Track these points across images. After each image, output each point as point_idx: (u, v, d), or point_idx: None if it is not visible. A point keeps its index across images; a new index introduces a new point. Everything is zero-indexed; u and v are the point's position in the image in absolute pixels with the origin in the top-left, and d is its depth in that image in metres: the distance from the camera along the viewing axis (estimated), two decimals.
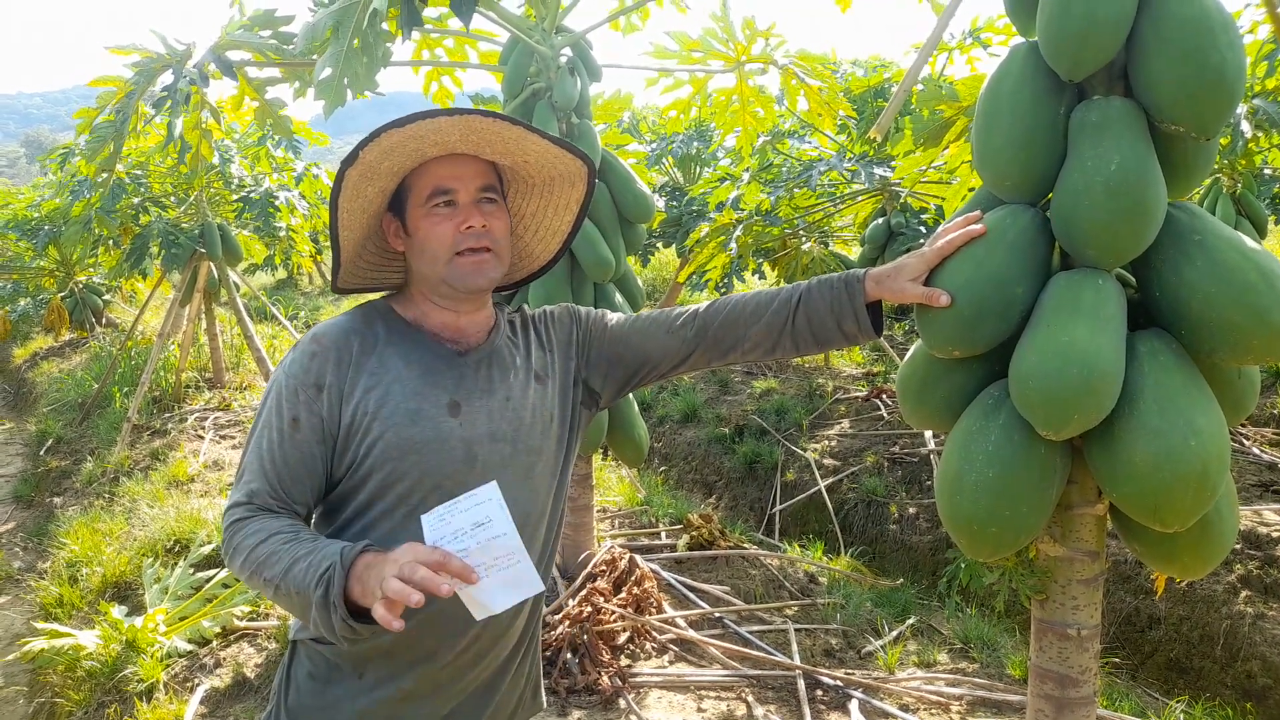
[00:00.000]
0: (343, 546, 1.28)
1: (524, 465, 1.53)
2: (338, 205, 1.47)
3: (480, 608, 1.27)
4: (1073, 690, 1.96)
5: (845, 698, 3.33)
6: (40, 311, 11.59)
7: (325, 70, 2.55)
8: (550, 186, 1.65)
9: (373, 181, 1.49)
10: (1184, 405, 1.63)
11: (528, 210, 1.70)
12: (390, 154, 1.45)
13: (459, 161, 1.51)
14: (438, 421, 1.46)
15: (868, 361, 9.43)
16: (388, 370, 1.48)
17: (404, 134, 1.42)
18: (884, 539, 5.81)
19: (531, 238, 1.73)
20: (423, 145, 1.46)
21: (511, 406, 1.54)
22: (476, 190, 1.51)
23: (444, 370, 1.51)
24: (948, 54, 5.64)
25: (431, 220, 1.50)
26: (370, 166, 1.46)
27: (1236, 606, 4.21)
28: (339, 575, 1.24)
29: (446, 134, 1.44)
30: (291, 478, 1.43)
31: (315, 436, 1.43)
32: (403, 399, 1.45)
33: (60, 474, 7.31)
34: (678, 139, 7.83)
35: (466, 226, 1.49)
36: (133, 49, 3.45)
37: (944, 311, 1.74)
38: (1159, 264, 1.74)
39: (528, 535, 1.52)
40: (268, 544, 1.33)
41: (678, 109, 4.24)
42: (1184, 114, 1.65)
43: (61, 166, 6.64)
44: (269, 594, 1.34)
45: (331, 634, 1.26)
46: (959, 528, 1.81)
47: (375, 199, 1.53)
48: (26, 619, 4.99)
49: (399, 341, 1.52)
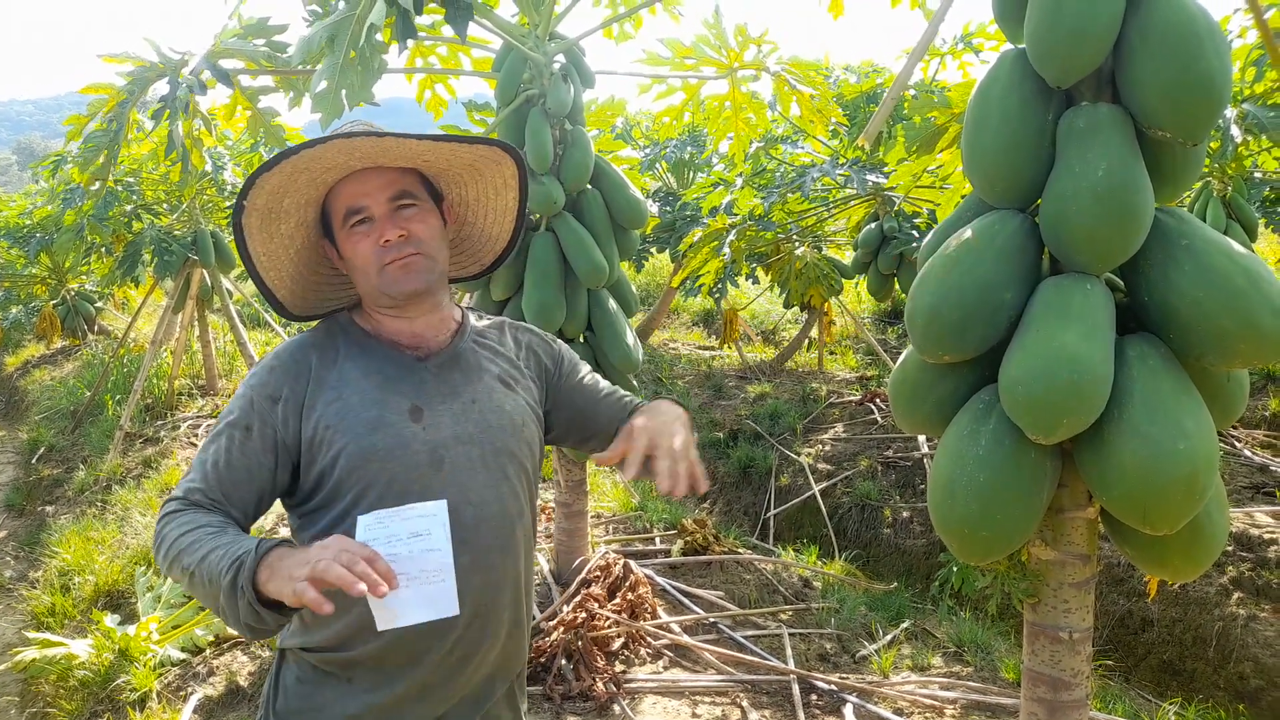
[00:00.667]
0: (260, 538, 1.29)
1: (495, 467, 1.53)
2: (247, 251, 1.50)
3: (388, 615, 1.27)
4: (1065, 693, 1.96)
5: (840, 702, 3.33)
6: (32, 319, 11.55)
7: (321, 83, 2.56)
8: (476, 170, 1.64)
9: (283, 219, 1.52)
10: (1173, 409, 1.64)
11: (469, 197, 1.70)
12: (285, 192, 1.48)
13: (365, 177, 1.51)
14: (399, 428, 1.47)
15: (861, 366, 9.46)
16: (347, 383, 1.49)
17: (281, 174, 1.44)
18: (878, 543, 5.82)
19: (484, 221, 1.74)
20: (314, 174, 1.47)
21: (478, 409, 1.54)
22: (388, 201, 1.51)
23: (404, 377, 1.52)
24: (939, 59, 5.67)
25: (352, 240, 1.51)
26: (268, 208, 1.49)
27: (1229, 608, 4.23)
28: (250, 560, 1.24)
29: (330, 160, 1.45)
30: (233, 482, 1.44)
31: (266, 446, 1.45)
32: (362, 408, 1.47)
33: (52, 482, 7.28)
34: (671, 144, 7.84)
35: (384, 241, 1.49)
36: (126, 57, 3.44)
37: (934, 317, 1.76)
38: (1147, 269, 1.75)
39: (504, 538, 1.52)
40: (190, 535, 1.34)
41: (671, 115, 4.26)
42: (1171, 120, 1.66)
43: (54, 174, 6.62)
44: (185, 584, 1.33)
45: (238, 623, 1.25)
46: (951, 532, 1.82)
47: (297, 233, 1.56)
48: (18, 628, 4.96)
49: (358, 354, 1.54)
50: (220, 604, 1.26)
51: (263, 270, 1.54)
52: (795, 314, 11.43)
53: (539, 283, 3.44)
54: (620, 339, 3.58)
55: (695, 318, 13.03)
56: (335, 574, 1.17)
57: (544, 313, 3.41)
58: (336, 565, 1.18)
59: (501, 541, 1.52)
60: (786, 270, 8.14)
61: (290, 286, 1.60)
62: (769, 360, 9.83)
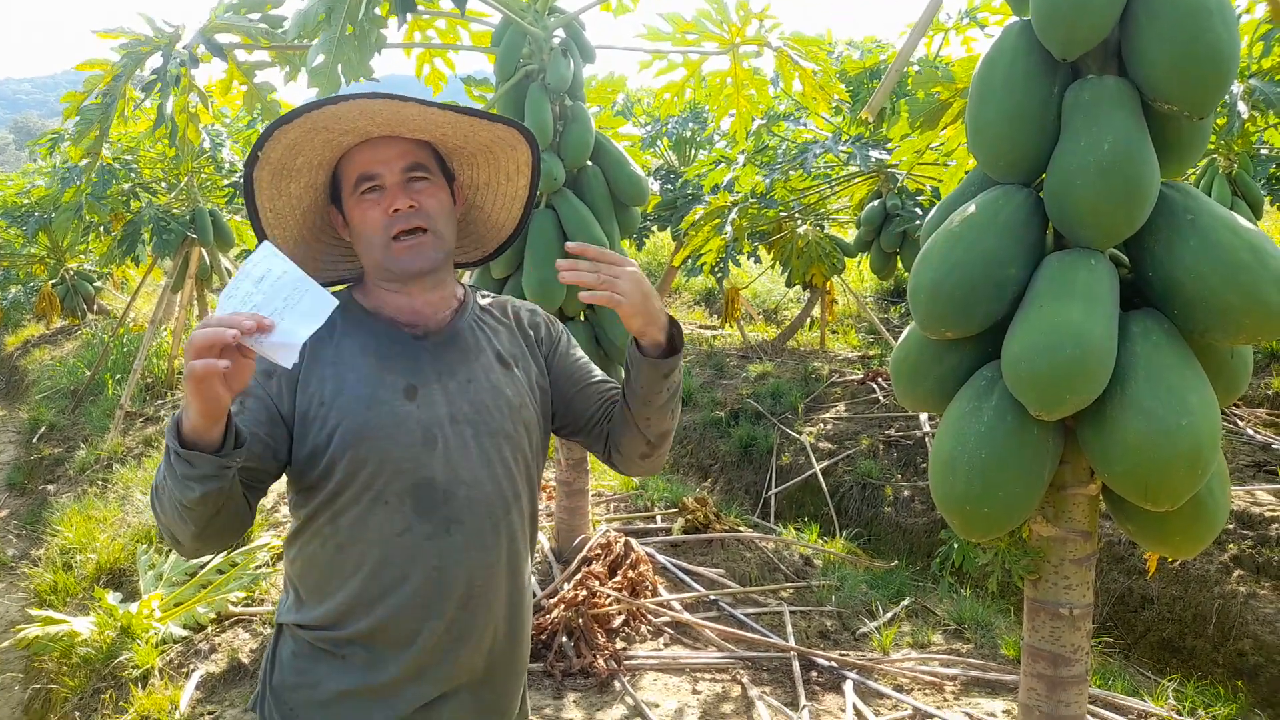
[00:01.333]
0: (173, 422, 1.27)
1: (489, 448, 1.52)
2: (256, 206, 1.49)
3: (285, 350, 1.22)
4: (1065, 669, 1.97)
5: (840, 679, 3.34)
6: (31, 299, 11.54)
7: (319, 57, 2.54)
8: (490, 152, 1.63)
9: (294, 178, 1.51)
10: (1176, 384, 1.63)
11: (479, 180, 1.68)
12: (299, 149, 1.47)
13: (380, 144, 1.50)
14: (393, 406, 1.46)
15: (863, 345, 9.44)
16: (343, 359, 1.48)
17: (300, 127, 1.42)
18: (879, 521, 5.83)
19: (492, 206, 1.72)
20: (331, 135, 1.46)
21: (473, 389, 1.53)
22: (401, 171, 1.50)
23: (400, 355, 1.51)
24: (943, 34, 5.61)
25: (361, 207, 1.50)
26: (281, 164, 1.48)
27: (1229, 586, 4.24)
28: (171, 424, 1.24)
29: (348, 118, 1.44)
30: None
31: (259, 418, 1.44)
32: (357, 386, 1.46)
33: (53, 461, 7.30)
34: (672, 121, 7.79)
35: (394, 209, 1.48)
36: (120, 32, 3.41)
37: (937, 293, 1.74)
38: (1152, 244, 1.74)
39: (497, 518, 1.52)
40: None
41: (671, 92, 4.21)
42: (1177, 93, 1.64)
43: (51, 152, 6.60)
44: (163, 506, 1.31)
45: (179, 483, 1.23)
46: (952, 509, 1.81)
47: (305, 195, 1.55)
48: (21, 606, 4.99)
49: (355, 330, 1.52)
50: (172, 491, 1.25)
51: (268, 227, 1.52)
52: (797, 293, 11.41)
53: (539, 260, 3.42)
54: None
55: (697, 297, 13.01)
56: (203, 335, 1.14)
57: (544, 290, 3.39)
58: (202, 331, 1.16)
59: (494, 522, 1.51)
60: (789, 249, 8.10)
61: (292, 249, 1.58)
62: (771, 339, 9.81)
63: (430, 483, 1.46)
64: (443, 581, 1.47)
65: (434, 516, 1.46)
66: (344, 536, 1.46)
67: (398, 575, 1.45)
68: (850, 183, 6.95)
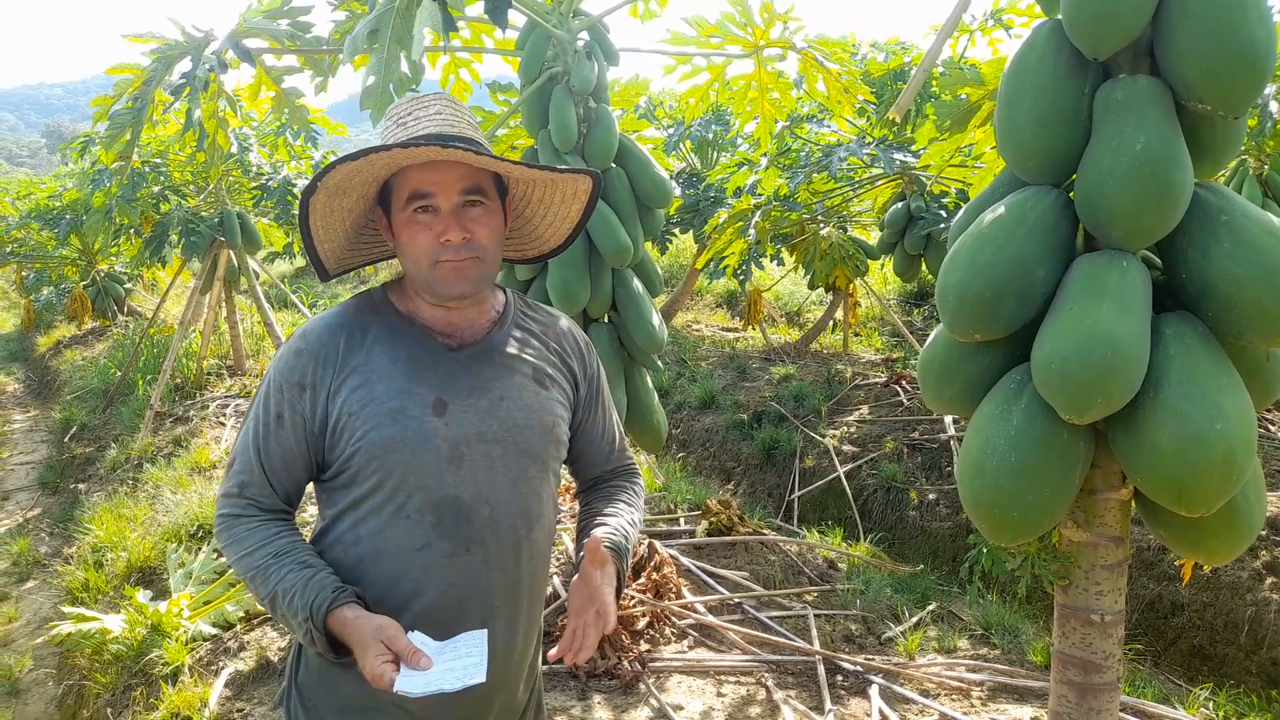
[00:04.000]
0: (313, 601, 1.37)
1: (516, 468, 1.49)
2: (308, 227, 1.48)
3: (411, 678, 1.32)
4: (1096, 676, 1.94)
5: (865, 683, 3.32)
6: (63, 300, 11.71)
7: (370, 78, 2.58)
8: (553, 181, 1.59)
9: (346, 195, 1.48)
10: (1210, 388, 1.61)
11: (534, 196, 1.64)
12: (356, 174, 1.43)
13: (440, 163, 1.43)
14: (421, 420, 1.43)
15: (886, 348, 9.39)
16: (374, 368, 1.46)
17: (361, 162, 1.40)
18: (903, 525, 5.79)
19: (540, 221, 1.68)
20: (394, 159, 1.41)
21: (505, 406, 1.49)
22: (459, 194, 1.43)
23: (431, 366, 1.48)
24: (968, 36, 5.58)
25: (412, 228, 1.45)
26: (337, 187, 1.45)
27: (1261, 593, 4.17)
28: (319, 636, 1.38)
29: (412, 155, 1.40)
30: (272, 471, 1.47)
31: (298, 434, 1.45)
32: (386, 397, 1.43)
33: (84, 460, 7.40)
34: (695, 124, 7.78)
35: (445, 240, 1.43)
36: (150, 37, 3.46)
37: (965, 294, 1.73)
38: (1185, 245, 1.72)
39: (520, 540, 1.51)
40: (256, 555, 1.44)
41: (696, 96, 4.21)
42: (1211, 92, 1.62)
43: (82, 155, 6.69)
44: (262, 603, 1.46)
45: (290, 627, 1.41)
46: (981, 513, 1.80)
47: (356, 206, 1.52)
48: (54, 603, 5.07)
49: (388, 336, 1.49)
50: (276, 614, 1.43)
51: (318, 241, 1.51)
52: (820, 295, 11.35)
53: (563, 262, 3.43)
54: (645, 318, 3.56)
55: (719, 299, 12.98)
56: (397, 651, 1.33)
57: (568, 292, 3.40)
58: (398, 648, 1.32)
59: (516, 541, 1.50)
60: (811, 251, 8.07)
61: (337, 255, 1.58)
62: (793, 342, 9.78)
63: (454, 501, 1.45)
64: (460, 600, 1.46)
65: (455, 535, 1.45)
66: (364, 547, 1.46)
67: (412, 591, 1.45)
68: (874, 185, 6.91)
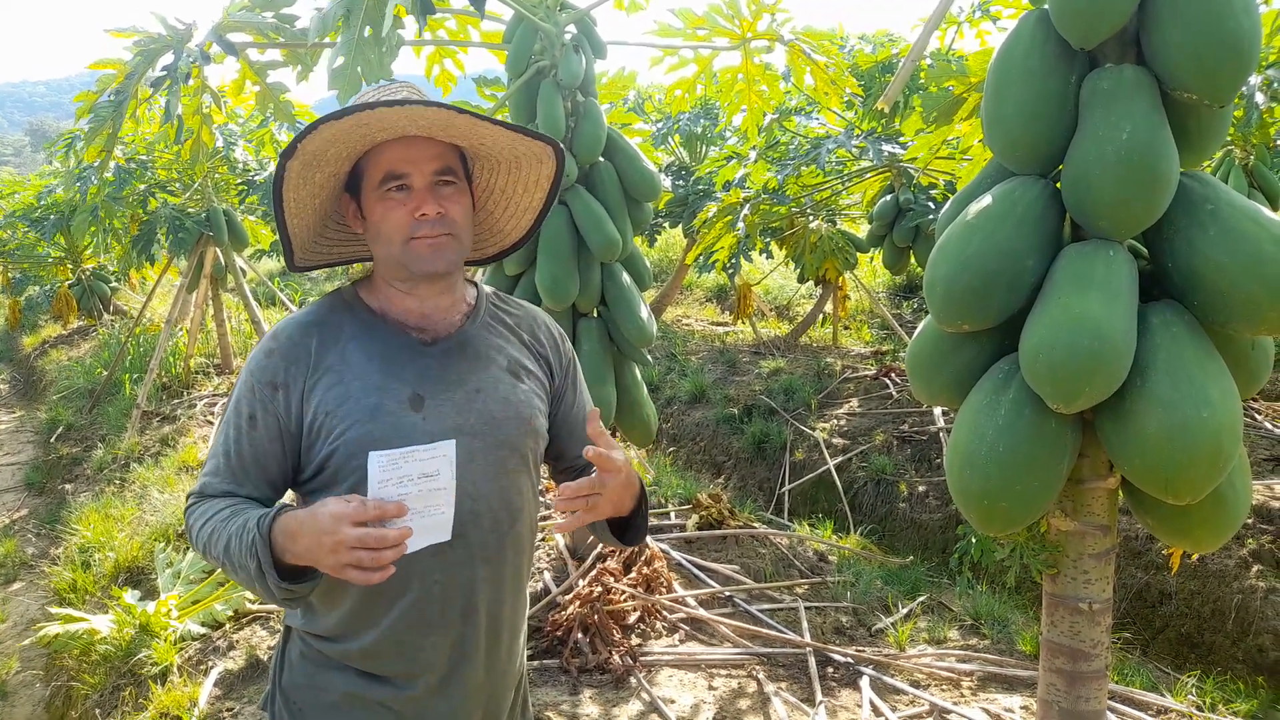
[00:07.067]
0: (259, 516, 1.34)
1: (495, 461, 1.49)
2: (281, 195, 1.46)
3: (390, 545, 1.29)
4: (1084, 664, 1.95)
5: (856, 674, 3.33)
6: (48, 300, 11.63)
7: (339, 59, 2.54)
8: (517, 164, 1.59)
9: (320, 168, 1.47)
10: (1196, 376, 1.62)
11: (496, 185, 1.64)
12: (334, 142, 1.43)
13: (413, 143, 1.45)
14: (398, 416, 1.43)
15: (876, 340, 9.41)
16: (349, 366, 1.45)
17: (344, 124, 1.38)
18: (893, 517, 5.81)
19: (502, 214, 1.68)
20: (370, 131, 1.42)
21: (482, 399, 1.49)
22: (432, 174, 1.45)
23: (406, 362, 1.48)
24: (956, 27, 5.57)
25: (385, 205, 1.45)
26: (314, 155, 1.43)
27: (1248, 581, 4.20)
28: (264, 551, 1.31)
29: (393, 120, 1.40)
30: (244, 471, 1.46)
31: (271, 434, 1.44)
32: (362, 394, 1.43)
33: (71, 461, 7.36)
34: (684, 118, 7.77)
35: (420, 214, 1.44)
36: (133, 31, 3.42)
37: (953, 285, 1.73)
38: (1171, 234, 1.72)
39: (503, 533, 1.50)
40: (210, 523, 1.41)
41: (683, 88, 4.19)
42: (1197, 81, 1.62)
43: (66, 153, 6.63)
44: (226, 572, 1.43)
45: (273, 599, 1.35)
46: (970, 503, 1.80)
47: (327, 183, 1.51)
48: (41, 604, 5.03)
49: (361, 334, 1.49)
50: (256, 588, 1.35)
51: (289, 215, 1.49)
52: (809, 289, 11.36)
53: (552, 257, 3.42)
54: (634, 313, 3.56)
55: (709, 293, 12.98)
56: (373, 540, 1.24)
57: (557, 287, 3.39)
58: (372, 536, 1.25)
59: (499, 535, 1.50)
60: (801, 244, 8.08)
61: (304, 237, 1.56)
62: (783, 335, 9.79)
63: None
64: (444, 596, 1.46)
65: None
66: None
67: (398, 588, 1.44)
68: (863, 178, 6.92)
